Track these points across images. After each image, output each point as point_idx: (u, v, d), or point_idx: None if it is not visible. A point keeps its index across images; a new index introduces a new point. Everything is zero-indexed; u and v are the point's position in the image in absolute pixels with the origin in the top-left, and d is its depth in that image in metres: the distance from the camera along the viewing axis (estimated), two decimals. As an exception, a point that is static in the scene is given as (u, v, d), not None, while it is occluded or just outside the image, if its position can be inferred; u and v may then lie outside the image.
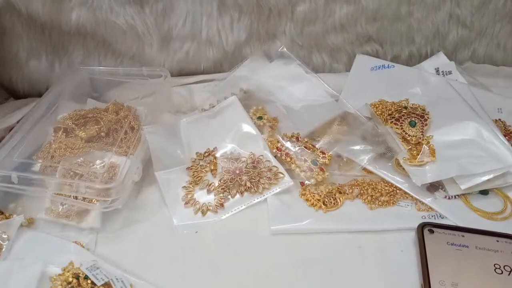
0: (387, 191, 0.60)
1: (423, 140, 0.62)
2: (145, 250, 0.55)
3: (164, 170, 0.62)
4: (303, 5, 0.74)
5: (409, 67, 0.76)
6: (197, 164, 0.64)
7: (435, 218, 0.57)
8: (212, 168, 0.63)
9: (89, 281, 0.49)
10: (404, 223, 0.56)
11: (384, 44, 0.79)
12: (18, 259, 0.52)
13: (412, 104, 0.67)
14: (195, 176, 0.62)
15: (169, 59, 0.77)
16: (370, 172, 0.63)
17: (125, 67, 0.75)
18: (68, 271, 0.50)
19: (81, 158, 0.61)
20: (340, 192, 0.60)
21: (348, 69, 0.78)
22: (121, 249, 0.55)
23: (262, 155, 0.63)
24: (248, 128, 0.65)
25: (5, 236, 0.54)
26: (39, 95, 0.76)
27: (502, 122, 0.68)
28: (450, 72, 0.74)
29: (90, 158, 0.61)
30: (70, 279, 0.49)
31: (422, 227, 0.53)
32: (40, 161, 0.61)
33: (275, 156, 0.63)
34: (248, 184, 0.60)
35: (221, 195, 0.60)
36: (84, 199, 0.56)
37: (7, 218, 0.56)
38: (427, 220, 0.56)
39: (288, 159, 0.62)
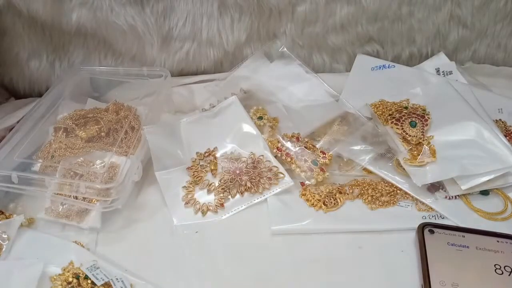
0: (388, 191, 0.59)
1: (423, 140, 0.61)
2: (145, 250, 0.55)
3: (164, 170, 0.62)
4: (303, 5, 0.73)
5: (409, 67, 0.76)
6: (197, 164, 0.63)
7: (435, 219, 0.56)
8: (212, 168, 0.62)
9: (89, 281, 0.49)
10: (405, 223, 0.56)
11: (384, 45, 0.79)
12: (18, 259, 0.52)
13: (413, 104, 0.67)
14: (195, 176, 0.62)
15: (169, 59, 0.77)
16: (370, 172, 0.63)
17: (126, 67, 0.75)
18: (68, 271, 0.50)
19: (81, 158, 0.61)
20: (340, 192, 0.60)
21: (349, 69, 0.77)
22: (121, 249, 0.55)
23: (262, 155, 0.63)
24: (249, 128, 0.65)
25: (5, 236, 0.54)
26: (40, 95, 0.76)
27: (502, 122, 0.68)
28: (450, 72, 0.74)
29: (90, 158, 0.61)
30: (70, 279, 0.49)
31: (422, 227, 0.53)
32: (40, 161, 0.61)
33: (275, 156, 0.63)
34: (248, 184, 0.60)
35: (221, 195, 0.60)
36: (84, 199, 0.56)
37: (7, 218, 0.56)
38: (427, 220, 0.56)
39: (289, 159, 0.62)
